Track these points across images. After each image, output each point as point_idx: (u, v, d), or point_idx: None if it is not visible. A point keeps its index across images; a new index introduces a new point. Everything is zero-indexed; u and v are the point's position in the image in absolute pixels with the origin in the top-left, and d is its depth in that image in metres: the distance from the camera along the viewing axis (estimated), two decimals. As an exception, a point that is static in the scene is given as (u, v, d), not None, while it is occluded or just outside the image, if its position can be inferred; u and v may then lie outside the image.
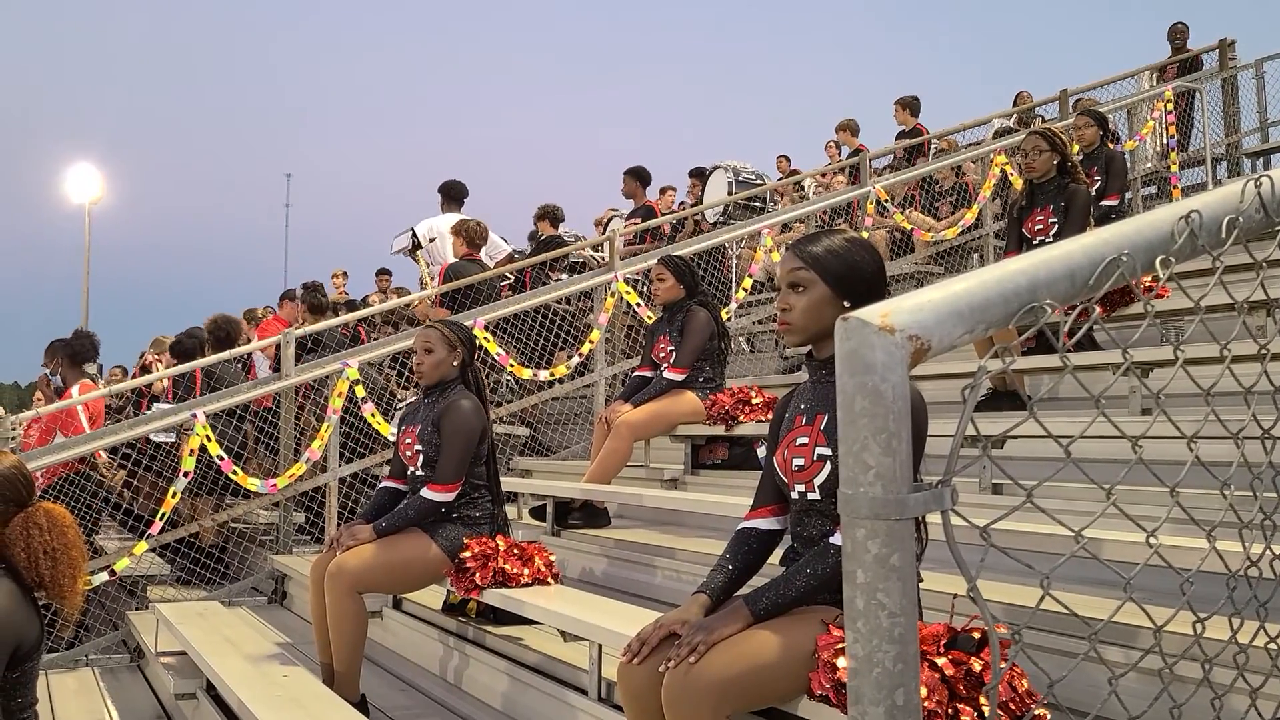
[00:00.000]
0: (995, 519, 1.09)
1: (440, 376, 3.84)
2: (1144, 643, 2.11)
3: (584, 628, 3.02)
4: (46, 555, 2.81)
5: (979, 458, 1.11)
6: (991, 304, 1.05)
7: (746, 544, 2.36)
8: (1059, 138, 5.04)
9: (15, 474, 2.91)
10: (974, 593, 1.03)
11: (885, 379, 0.93)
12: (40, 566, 2.80)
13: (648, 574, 4.23)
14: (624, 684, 2.22)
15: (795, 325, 2.25)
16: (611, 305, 6.91)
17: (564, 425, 7.39)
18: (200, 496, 6.20)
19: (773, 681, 2.07)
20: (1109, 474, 1.31)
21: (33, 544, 2.80)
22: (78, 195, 25.04)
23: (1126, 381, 3.90)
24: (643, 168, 9.88)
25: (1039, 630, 2.40)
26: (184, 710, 4.35)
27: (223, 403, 6.02)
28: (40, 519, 2.86)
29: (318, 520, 6.42)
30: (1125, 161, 6.60)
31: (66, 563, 2.86)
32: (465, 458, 3.71)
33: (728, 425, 4.99)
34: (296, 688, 3.43)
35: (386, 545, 3.63)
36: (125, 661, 5.73)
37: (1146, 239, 1.21)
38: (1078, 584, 2.59)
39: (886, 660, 0.94)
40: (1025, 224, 5.06)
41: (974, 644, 1.94)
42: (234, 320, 8.06)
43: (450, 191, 8.21)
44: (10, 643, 2.67)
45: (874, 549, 0.94)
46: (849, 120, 10.80)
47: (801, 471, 2.25)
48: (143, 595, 6.05)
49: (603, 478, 4.93)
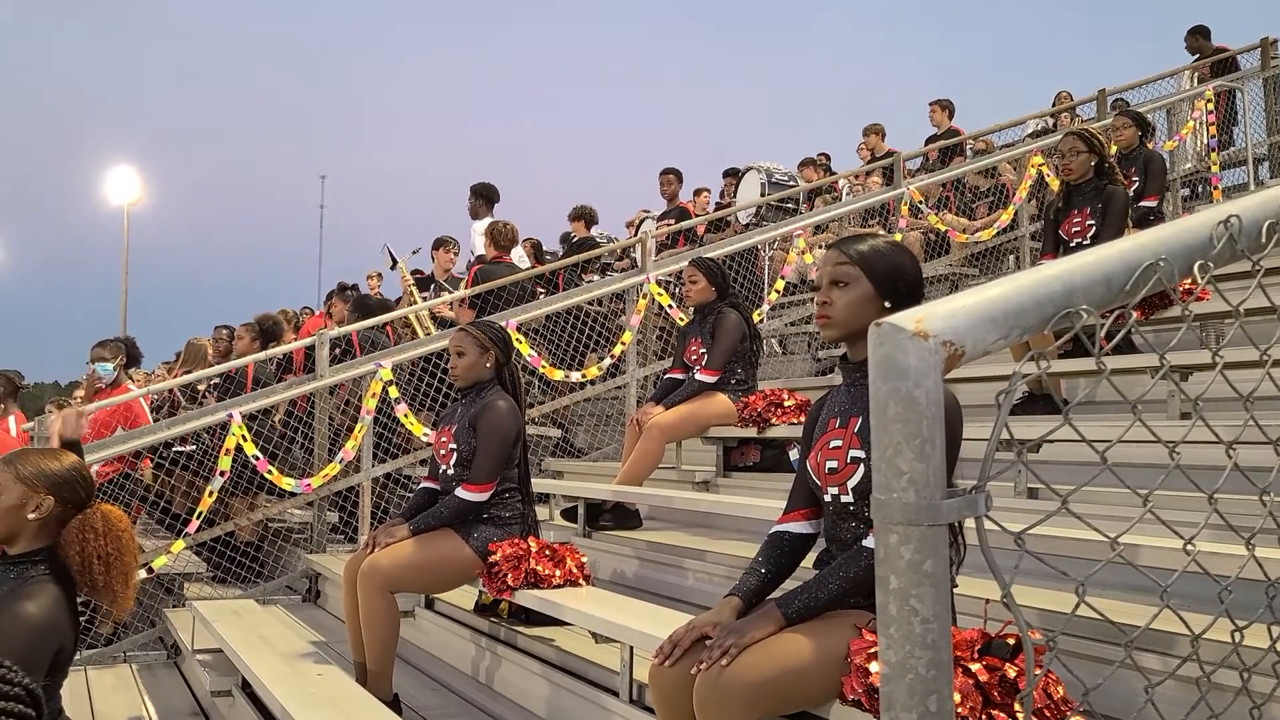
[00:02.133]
0: (1030, 525, 1.09)
1: (474, 378, 3.86)
2: (1181, 650, 2.09)
3: (615, 629, 3.02)
4: (100, 560, 2.77)
5: (1014, 463, 1.10)
6: (1026, 309, 1.04)
7: (779, 547, 2.36)
8: (1096, 138, 4.99)
9: (75, 475, 2.85)
10: (1008, 599, 1.02)
11: (919, 384, 0.93)
12: (94, 571, 2.77)
13: (679, 576, 4.23)
14: (655, 686, 2.22)
15: (835, 320, 2.26)
16: (643, 307, 6.91)
17: (596, 427, 7.41)
18: (236, 495, 6.27)
19: (804, 685, 2.06)
20: (1146, 479, 1.29)
21: (88, 548, 2.77)
22: (117, 197, 25.42)
23: (1164, 385, 3.86)
24: (677, 169, 9.90)
25: (1074, 636, 2.37)
26: (220, 707, 4.40)
27: (258, 403, 6.09)
28: (97, 522, 2.81)
29: (351, 520, 6.47)
30: (1164, 162, 6.51)
31: (120, 567, 2.81)
32: (500, 458, 3.73)
33: (760, 427, 4.98)
34: (330, 686, 3.46)
35: (419, 545, 3.66)
36: (162, 658, 5.80)
37: (1184, 244, 1.20)
38: (1113, 590, 2.57)
39: (919, 666, 0.94)
40: (1062, 226, 5.01)
41: (1008, 650, 1.92)
42: (280, 320, 8.15)
43: (482, 193, 8.26)
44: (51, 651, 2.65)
45: (907, 554, 0.94)
46: (876, 124, 10.76)
47: (834, 474, 2.25)
48: (179, 593, 6.13)
49: (634, 479, 4.93)
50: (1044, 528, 1.13)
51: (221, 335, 9.12)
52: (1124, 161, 5.84)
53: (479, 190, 8.23)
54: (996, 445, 1.01)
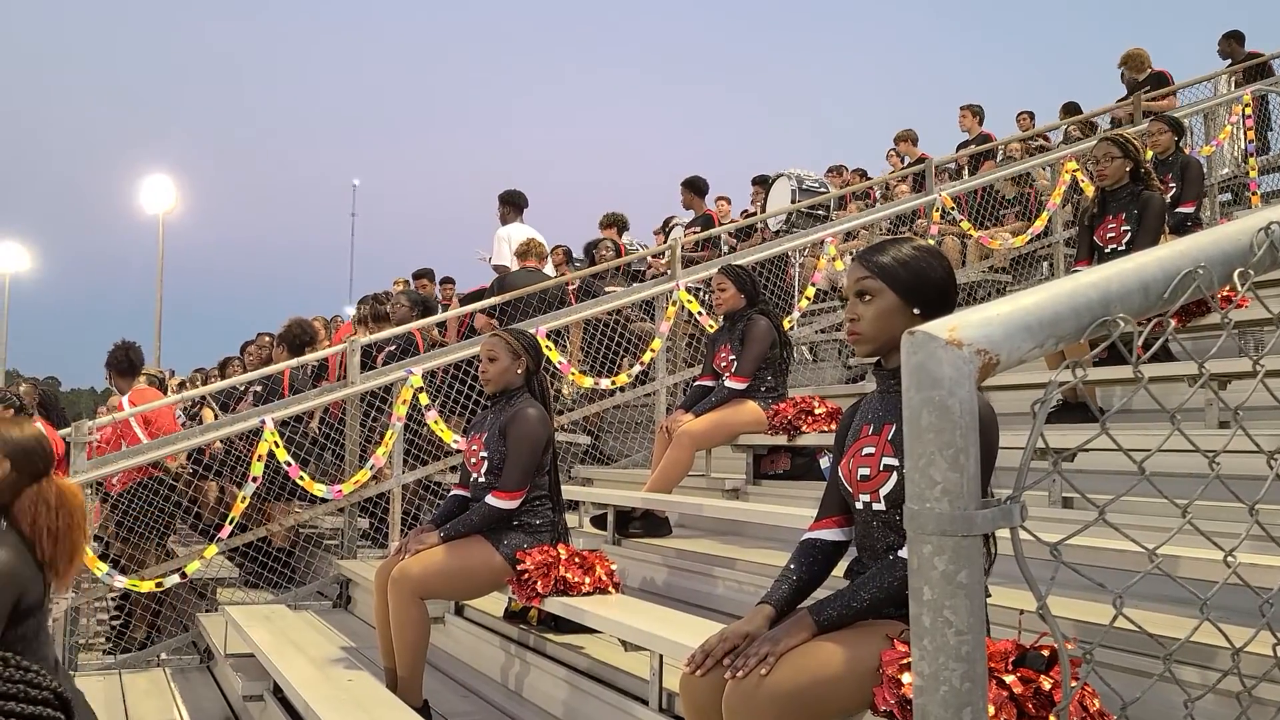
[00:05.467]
0: (1066, 536, 1.07)
1: (505, 384, 3.87)
2: (1222, 664, 2.05)
3: (645, 638, 3.01)
4: (50, 535, 2.79)
5: (1049, 473, 1.09)
6: (1062, 318, 1.03)
7: (811, 555, 2.35)
8: (1131, 143, 4.92)
9: (35, 445, 2.87)
10: (1044, 610, 1.01)
11: (952, 394, 0.92)
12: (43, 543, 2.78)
13: (709, 584, 4.22)
14: (686, 695, 2.21)
15: (865, 335, 2.24)
16: (673, 314, 6.91)
17: (625, 434, 7.41)
18: (268, 501, 6.32)
19: (836, 695, 2.04)
20: (1184, 489, 1.27)
21: (39, 521, 2.79)
22: (152, 206, 25.74)
23: (1203, 394, 3.81)
24: (699, 178, 9.88)
25: (1110, 648, 2.34)
26: (251, 712, 4.43)
27: (291, 409, 6.14)
28: (50, 496, 2.83)
29: (382, 526, 6.50)
30: (1202, 167, 6.42)
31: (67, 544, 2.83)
32: (530, 466, 3.73)
33: (790, 435, 4.96)
34: (361, 692, 3.48)
35: (449, 553, 3.67)
36: (195, 662, 5.86)
37: (1224, 251, 1.18)
38: (1151, 601, 2.53)
39: (954, 678, 0.92)
40: (1097, 232, 4.95)
41: (1043, 661, 1.90)
42: (311, 325, 8.19)
43: (510, 200, 8.29)
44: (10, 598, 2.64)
45: (940, 565, 0.93)
46: (908, 130, 10.71)
47: (867, 482, 2.23)
48: (212, 598, 6.19)
49: (664, 487, 4.92)
50: (1080, 538, 1.11)
51: (264, 342, 9.22)
52: (1160, 167, 5.77)
53: (507, 197, 8.26)
54: (1032, 454, 0.99)
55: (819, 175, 10.31)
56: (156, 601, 6.02)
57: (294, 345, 7.46)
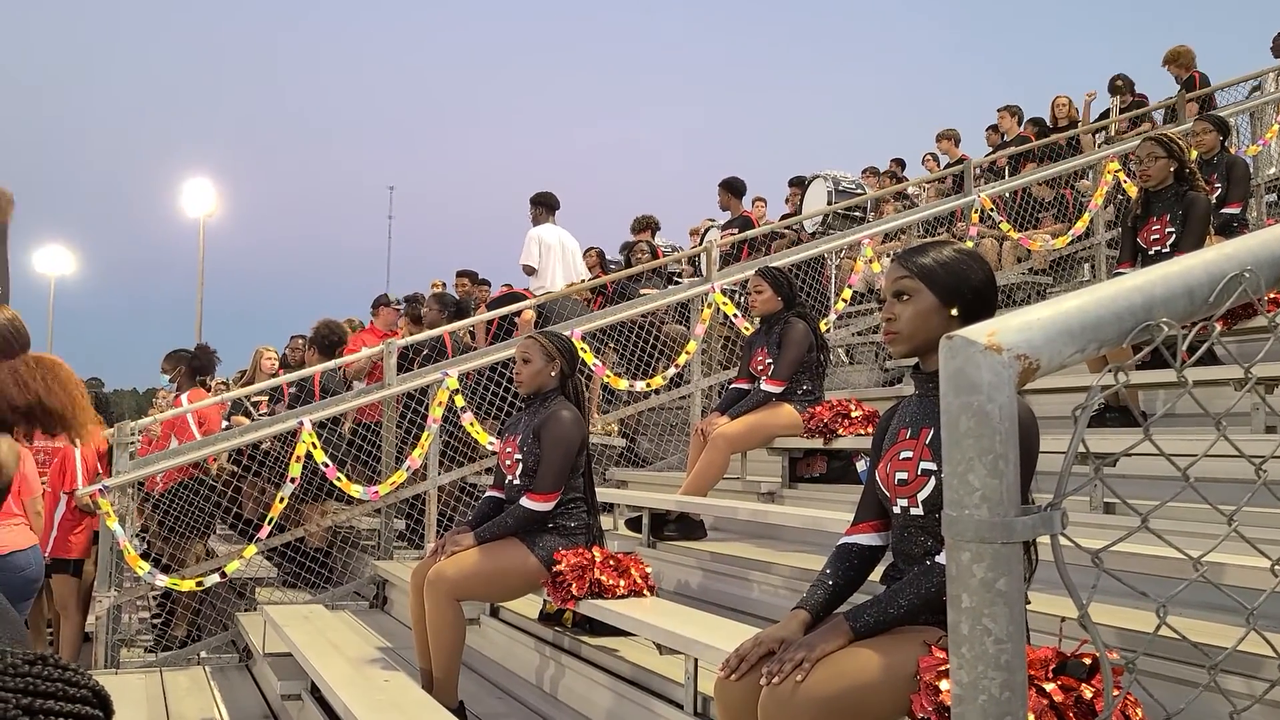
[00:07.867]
0: (1108, 544, 1.05)
1: (539, 386, 3.88)
2: (1269, 674, 2.01)
3: (680, 641, 3.00)
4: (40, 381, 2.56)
5: (1091, 479, 1.07)
6: (1104, 322, 1.01)
7: (847, 560, 2.33)
8: (1176, 143, 4.84)
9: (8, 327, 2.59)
10: (1085, 619, 0.99)
11: (992, 399, 0.91)
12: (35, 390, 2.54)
13: (744, 588, 4.20)
14: (721, 700, 2.20)
15: (901, 335, 2.23)
16: (708, 316, 6.90)
17: (660, 436, 7.40)
18: (306, 502, 6.38)
19: (872, 702, 2.03)
20: (1229, 495, 1.25)
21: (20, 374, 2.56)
22: (193, 209, 26.07)
23: (1249, 399, 3.74)
24: (736, 179, 9.85)
25: (1153, 657, 2.30)
26: (289, 711, 4.47)
27: (326, 411, 6.19)
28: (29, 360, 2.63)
29: (418, 527, 6.54)
30: (1248, 167, 6.32)
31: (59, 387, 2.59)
32: (565, 468, 3.74)
33: (826, 438, 4.93)
34: (397, 692, 3.50)
35: (484, 554, 3.68)
36: (234, 661, 5.92)
37: (1272, 253, 1.15)
38: (1194, 609, 2.49)
39: (993, 688, 0.91)
40: (1140, 233, 4.88)
41: (1084, 670, 1.87)
42: (341, 326, 8.25)
43: (542, 201, 8.31)
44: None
45: (979, 573, 0.91)
46: (950, 130, 10.61)
47: (904, 486, 2.21)
48: (251, 597, 6.25)
49: (699, 490, 4.91)
50: (1121, 545, 1.09)
51: (297, 345, 9.30)
52: (1205, 167, 5.68)
53: (539, 199, 8.29)
54: (1073, 460, 0.98)
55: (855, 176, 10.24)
56: (197, 600, 6.10)
57: (325, 347, 7.50)
